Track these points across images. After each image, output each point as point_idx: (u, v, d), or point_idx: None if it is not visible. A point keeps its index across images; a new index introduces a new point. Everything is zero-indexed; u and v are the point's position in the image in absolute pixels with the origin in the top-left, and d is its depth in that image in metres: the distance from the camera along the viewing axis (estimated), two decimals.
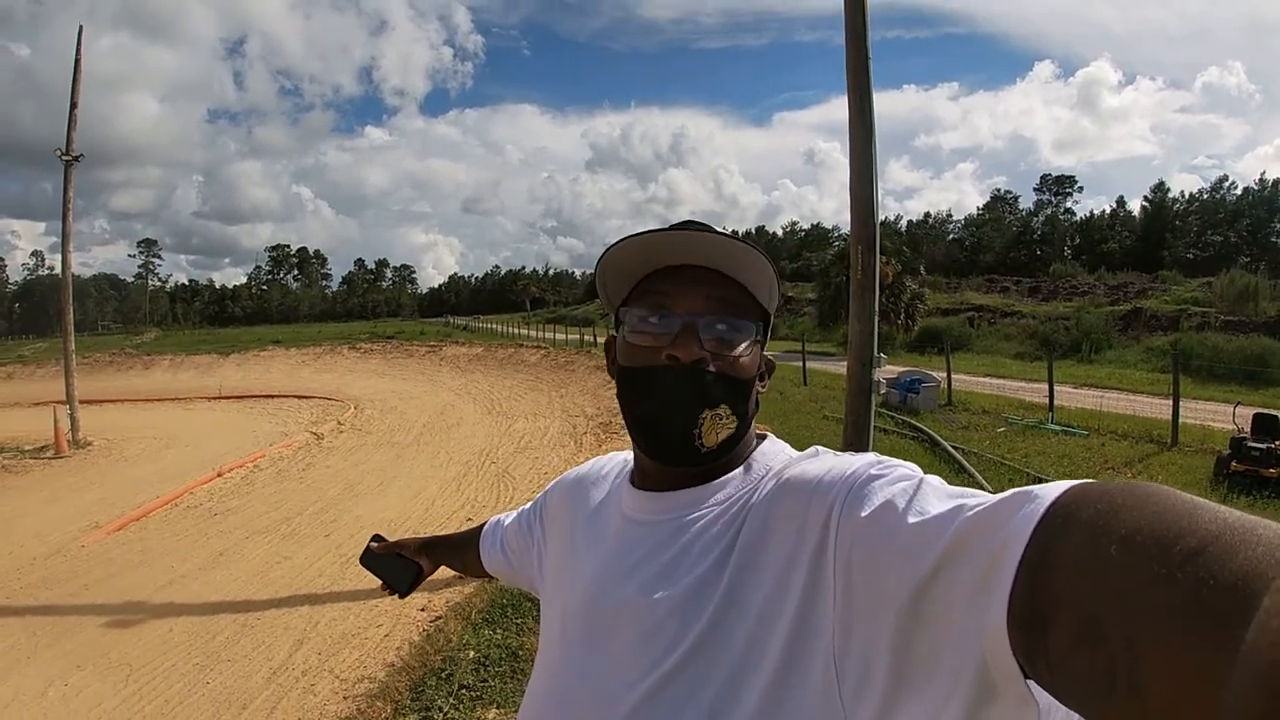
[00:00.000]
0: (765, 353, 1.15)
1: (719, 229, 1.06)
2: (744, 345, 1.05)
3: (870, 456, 0.92)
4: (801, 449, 1.10)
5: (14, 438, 19.16)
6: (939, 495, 0.76)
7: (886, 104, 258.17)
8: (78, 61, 19.34)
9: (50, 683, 5.97)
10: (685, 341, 1.01)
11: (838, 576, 0.81)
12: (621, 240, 1.04)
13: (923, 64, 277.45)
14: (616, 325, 1.13)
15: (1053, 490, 0.60)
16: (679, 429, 1.01)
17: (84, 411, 18.97)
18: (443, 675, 5.45)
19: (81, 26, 19.47)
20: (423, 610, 6.82)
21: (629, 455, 1.27)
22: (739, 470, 1.07)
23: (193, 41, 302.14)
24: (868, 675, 0.75)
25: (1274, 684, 0.38)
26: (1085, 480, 0.60)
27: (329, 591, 7.65)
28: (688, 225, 1.06)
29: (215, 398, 28.35)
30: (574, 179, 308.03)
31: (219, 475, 13.56)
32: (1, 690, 5.88)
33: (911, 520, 0.73)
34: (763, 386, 1.15)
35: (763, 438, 1.16)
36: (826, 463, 0.95)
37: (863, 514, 0.80)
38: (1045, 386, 17.65)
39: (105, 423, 20.77)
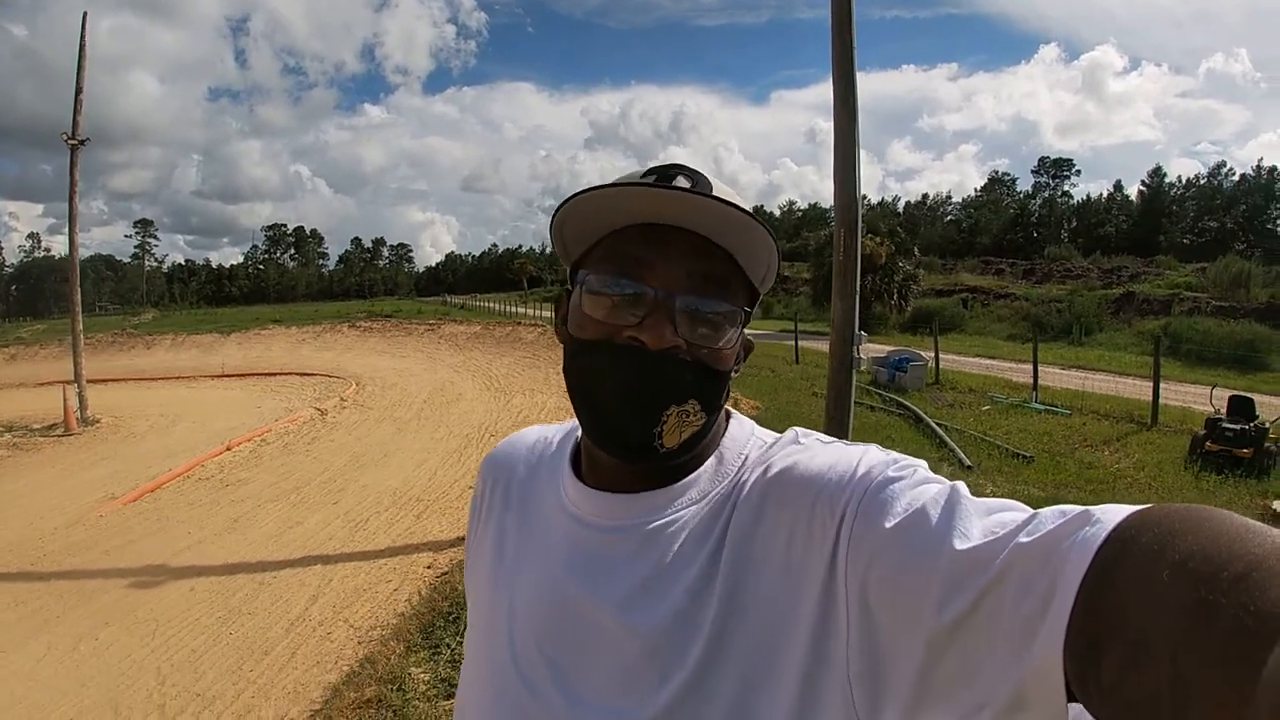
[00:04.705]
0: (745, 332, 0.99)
1: (712, 182, 0.92)
2: (727, 331, 0.90)
3: (875, 451, 0.85)
4: (791, 424, 0.98)
5: (23, 416, 19.38)
6: (978, 511, 0.70)
7: (885, 84, 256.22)
8: (82, 47, 19.52)
9: (80, 638, 6.33)
10: (656, 323, 0.85)
11: (850, 589, 0.75)
12: (593, 188, 0.86)
13: (922, 44, 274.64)
14: (570, 283, 0.97)
15: (1115, 514, 0.58)
16: (636, 426, 0.87)
17: (90, 390, 19.22)
18: (450, 618, 5.89)
19: (86, 13, 19.65)
20: (429, 568, 7.26)
21: (547, 432, 1.17)
22: (711, 461, 0.95)
23: (195, 20, 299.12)
24: (885, 690, 0.72)
25: None
26: (1147, 505, 0.59)
27: (340, 552, 8.06)
28: (676, 172, 0.92)
29: (219, 376, 28.45)
30: (572, 157, 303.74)
31: (228, 449, 13.84)
32: (34, 647, 6.23)
33: (957, 543, 0.67)
34: (737, 372, 0.98)
35: (728, 415, 1.03)
36: (826, 456, 0.86)
37: (886, 524, 0.73)
38: (1032, 367, 17.89)
39: (111, 401, 20.97)
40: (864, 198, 8.70)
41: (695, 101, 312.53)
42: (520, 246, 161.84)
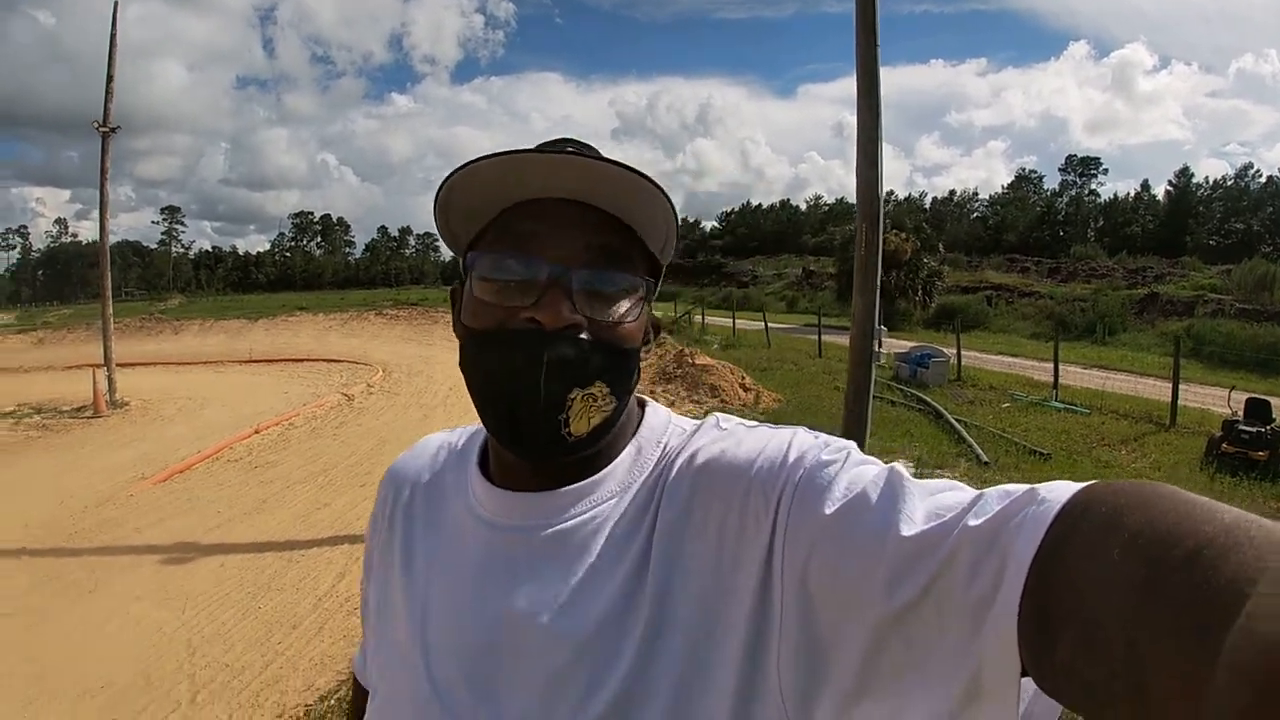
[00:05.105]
0: (653, 311, 0.96)
1: (599, 151, 0.90)
2: (630, 306, 0.86)
3: (804, 434, 0.82)
4: (813, 418, 0.85)
5: (52, 399, 19.67)
6: (920, 492, 0.68)
7: (913, 78, 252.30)
8: (113, 36, 19.78)
9: (113, 612, 6.52)
10: (553, 300, 0.81)
11: (788, 578, 0.72)
12: (473, 161, 0.82)
13: (951, 39, 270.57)
14: (463, 272, 0.91)
15: (1062, 492, 0.58)
16: (539, 415, 0.82)
17: (119, 374, 19.46)
18: None
19: (117, 2, 19.84)
20: None
21: (449, 437, 1.10)
22: (628, 452, 0.91)
23: (223, 8, 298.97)
24: (824, 679, 0.69)
25: (1251, 688, 0.39)
26: (1092, 481, 0.58)
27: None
28: (563, 144, 0.90)
29: (246, 361, 28.70)
30: (599, 148, 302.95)
31: (256, 432, 14.08)
32: (67, 620, 6.42)
33: (903, 528, 0.65)
34: (647, 353, 0.95)
35: (642, 404, 0.99)
36: (753, 442, 0.83)
37: (825, 510, 0.71)
38: (1053, 365, 17.93)
39: (140, 385, 21.21)
40: (890, 193, 8.92)
41: (722, 94, 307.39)
42: None
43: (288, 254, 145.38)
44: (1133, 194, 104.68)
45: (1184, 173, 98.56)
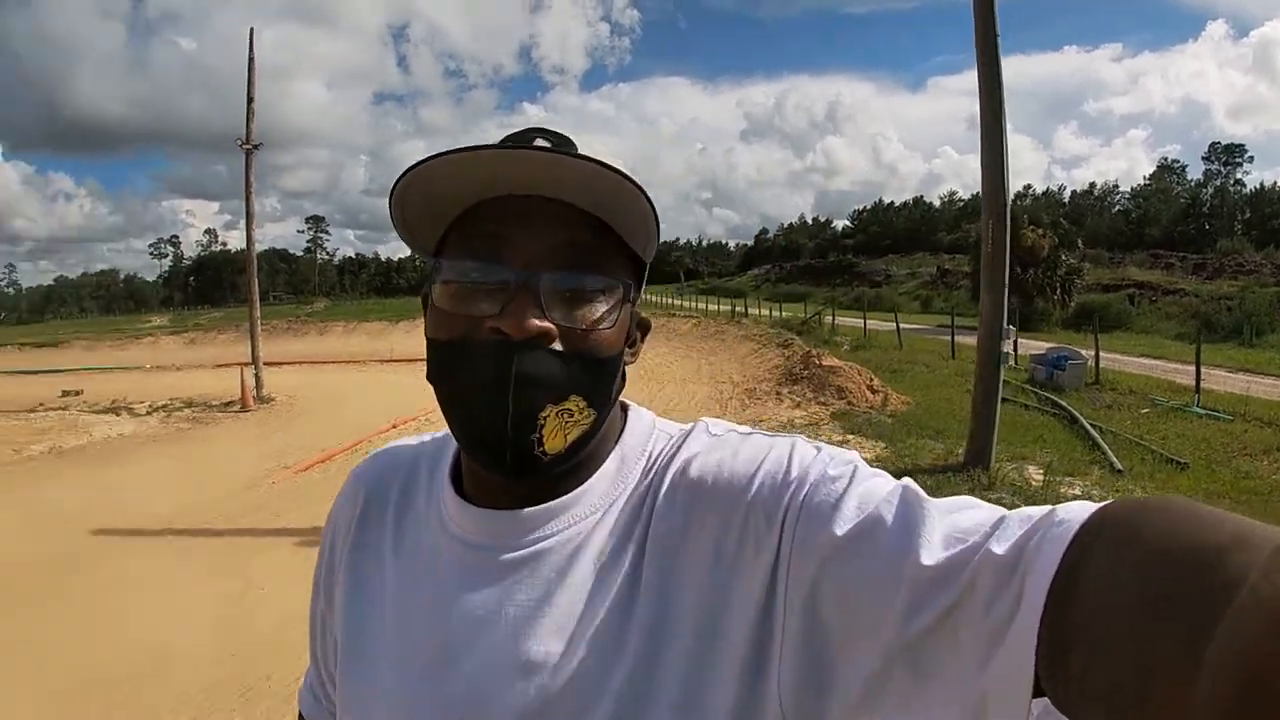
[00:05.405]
0: (639, 311, 0.89)
1: (578, 144, 0.81)
2: (607, 310, 0.78)
3: (803, 444, 0.78)
4: (942, 422, 0.75)
5: (203, 394, 20.90)
6: (937, 512, 0.66)
7: (1046, 66, 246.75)
8: (251, 60, 21.18)
9: (250, 586, 6.94)
10: (520, 307, 0.73)
11: (793, 599, 0.69)
12: (430, 158, 0.75)
13: (1082, 23, 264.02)
14: (428, 278, 0.83)
15: (1079, 514, 0.57)
16: (509, 434, 0.74)
17: (265, 372, 20.49)
18: None
19: (253, 29, 21.68)
20: None
21: (420, 446, 1.00)
22: (611, 462, 0.85)
23: (358, 29, 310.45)
24: (827, 702, 0.68)
25: (1233, 687, 0.39)
26: (1107, 502, 0.57)
27: None
28: (535, 135, 0.81)
29: (387, 361, 29.84)
30: (728, 150, 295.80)
31: (394, 426, 14.60)
32: (205, 592, 6.87)
33: (922, 554, 0.63)
34: (632, 356, 0.89)
35: (625, 408, 0.92)
36: (749, 452, 0.79)
37: (836, 531, 0.68)
38: (1195, 368, 17.12)
39: (285, 382, 22.28)
40: (1028, 187, 8.82)
41: (850, 90, 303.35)
42: (678, 239, 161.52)
43: None
44: None
45: None
